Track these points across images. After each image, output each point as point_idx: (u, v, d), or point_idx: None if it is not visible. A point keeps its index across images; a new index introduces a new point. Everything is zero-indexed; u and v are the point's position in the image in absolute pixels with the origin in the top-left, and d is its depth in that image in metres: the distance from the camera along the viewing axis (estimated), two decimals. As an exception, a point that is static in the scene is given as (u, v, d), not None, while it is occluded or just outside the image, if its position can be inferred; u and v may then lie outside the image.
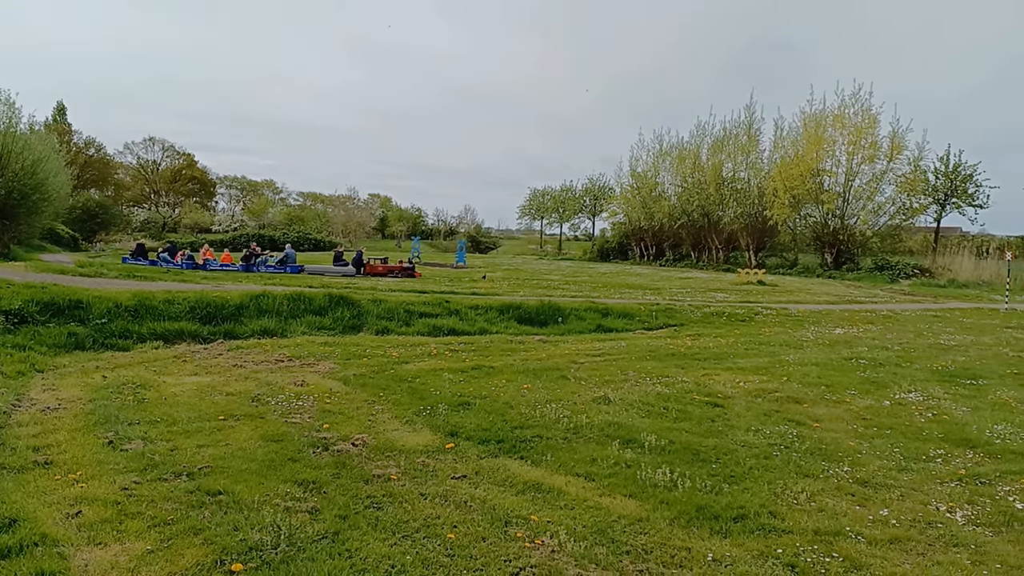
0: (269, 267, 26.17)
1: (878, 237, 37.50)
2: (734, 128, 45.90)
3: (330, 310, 13.16)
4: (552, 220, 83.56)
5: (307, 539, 4.00)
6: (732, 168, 45.78)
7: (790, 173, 37.48)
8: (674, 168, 51.12)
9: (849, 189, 36.83)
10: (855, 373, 9.47)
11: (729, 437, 6.36)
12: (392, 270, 26.90)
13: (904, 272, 32.39)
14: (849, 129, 36.31)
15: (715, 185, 45.20)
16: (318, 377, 8.54)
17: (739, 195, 43.96)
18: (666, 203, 50.22)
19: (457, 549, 3.96)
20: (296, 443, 5.79)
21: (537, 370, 9.21)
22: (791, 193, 37.42)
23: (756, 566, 3.86)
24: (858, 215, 36.91)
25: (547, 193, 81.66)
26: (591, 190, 75.50)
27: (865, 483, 5.24)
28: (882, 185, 36.33)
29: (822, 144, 37.21)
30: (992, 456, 5.93)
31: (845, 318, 16.15)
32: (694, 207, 46.73)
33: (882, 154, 35.74)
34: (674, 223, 49.31)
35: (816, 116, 38.19)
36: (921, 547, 4.15)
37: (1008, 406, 7.72)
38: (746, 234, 43.76)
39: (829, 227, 37.90)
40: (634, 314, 15.27)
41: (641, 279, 29.35)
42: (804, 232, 41.40)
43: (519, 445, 5.93)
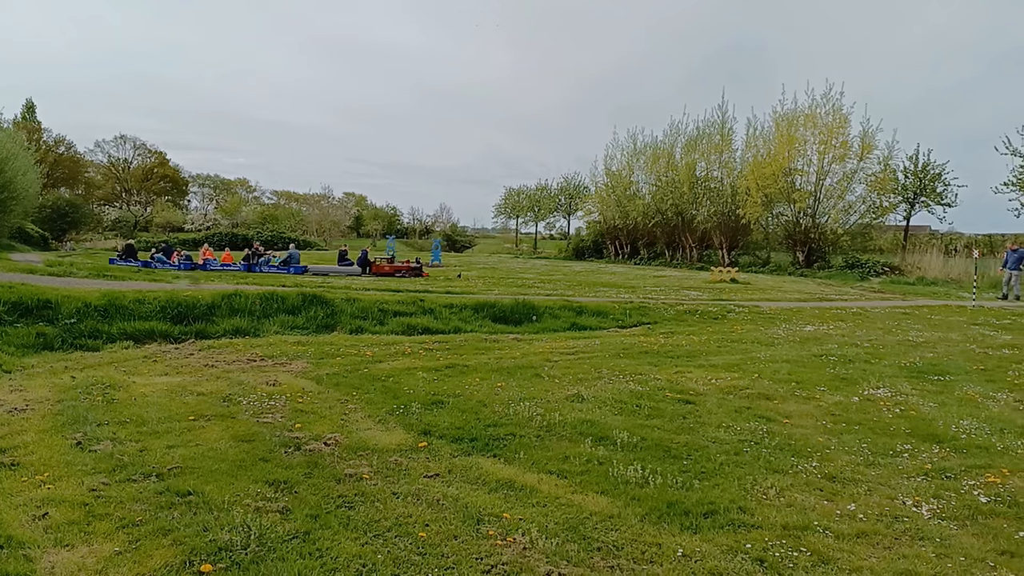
0: (272, 267, 25.73)
1: (849, 236, 37.90)
2: (707, 128, 46.14)
3: (303, 309, 13.07)
4: (527, 219, 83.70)
5: (278, 539, 3.99)
6: (705, 167, 46.02)
7: (762, 172, 37.76)
8: (648, 167, 51.29)
9: (820, 188, 37.17)
10: (825, 370, 9.58)
11: (700, 434, 6.41)
12: (399, 269, 26.48)
13: (874, 270, 32.78)
14: (820, 129, 36.62)
15: (689, 184, 45.43)
16: (291, 376, 8.49)
17: (712, 194, 44.23)
18: (640, 202, 50.40)
19: (429, 548, 3.96)
20: (267, 443, 5.76)
21: (511, 368, 9.23)
22: (763, 192, 37.72)
23: (725, 561, 3.90)
24: (829, 214, 37.25)
25: (522, 192, 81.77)
26: (566, 189, 75.72)
27: (833, 478, 5.31)
28: (852, 184, 36.69)
29: (794, 143, 37.51)
30: (958, 451, 6.03)
31: (816, 315, 16.31)
32: (668, 206, 46.94)
33: (852, 153, 36.10)
34: (648, 222, 49.50)
35: (788, 116, 38.49)
36: (888, 541, 4.21)
37: (974, 402, 7.85)
38: (719, 233, 44.03)
39: (801, 226, 38.24)
40: (608, 312, 15.33)
41: (615, 278, 29.45)
42: (776, 231, 41.74)
43: (492, 443, 5.94)
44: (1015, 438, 6.39)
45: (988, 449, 6.07)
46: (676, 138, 48.74)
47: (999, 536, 4.26)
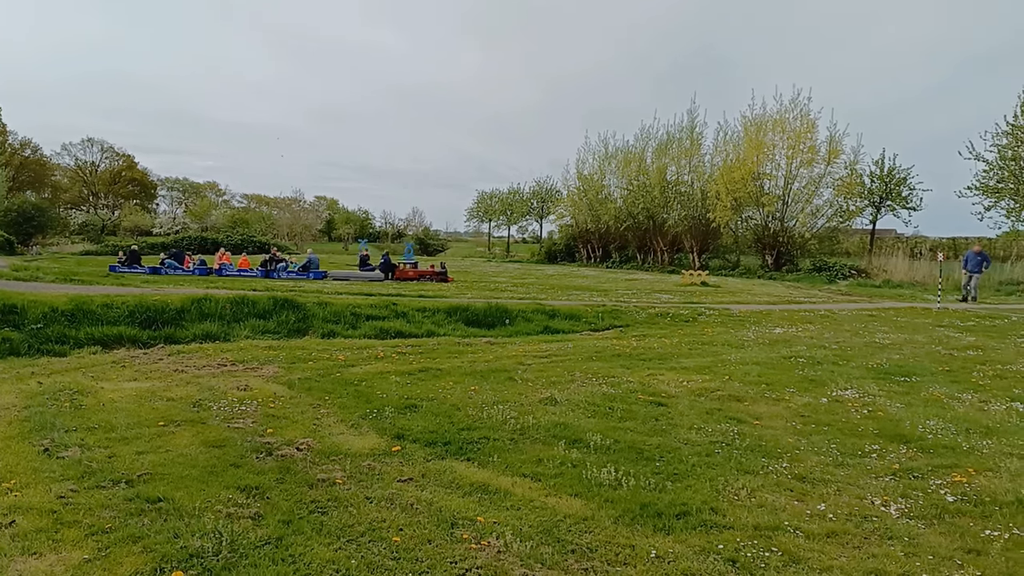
0: (290, 273, 25.31)
1: (816, 239, 38.43)
2: (677, 132, 46.52)
3: (275, 313, 12.97)
4: (500, 222, 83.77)
5: (250, 545, 3.95)
6: (676, 171, 46.38)
7: (732, 176, 38.15)
8: (620, 171, 51.59)
9: (788, 192, 37.64)
10: (794, 371, 9.69)
11: (673, 435, 6.46)
12: (424, 274, 26.16)
13: (841, 273, 33.23)
14: (788, 134, 37.11)
15: (660, 188, 45.74)
16: (262, 381, 8.43)
17: (683, 198, 44.58)
18: (612, 205, 50.67)
19: (403, 552, 3.95)
20: (239, 448, 5.71)
21: (484, 372, 9.23)
22: (733, 196, 38.10)
23: (698, 562, 3.93)
24: (797, 217, 37.74)
25: (495, 195, 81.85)
26: (538, 192, 75.89)
27: (803, 478, 5.37)
28: (820, 188, 37.23)
29: (762, 148, 37.95)
30: (924, 451, 6.13)
31: (785, 318, 16.49)
32: (639, 209, 47.22)
33: (820, 158, 36.63)
34: (620, 225, 49.76)
35: (757, 121, 38.96)
36: (857, 540, 4.27)
37: (940, 402, 7.99)
38: (690, 236, 44.38)
39: (769, 229, 38.68)
40: (580, 315, 15.39)
41: (588, 281, 29.59)
42: (745, 234, 42.21)
43: (466, 447, 5.94)
44: (980, 438, 6.51)
45: (954, 449, 6.17)
46: (647, 142, 49.14)
47: (966, 535, 4.34)
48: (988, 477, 5.43)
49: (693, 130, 45.10)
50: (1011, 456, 5.96)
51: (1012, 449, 6.17)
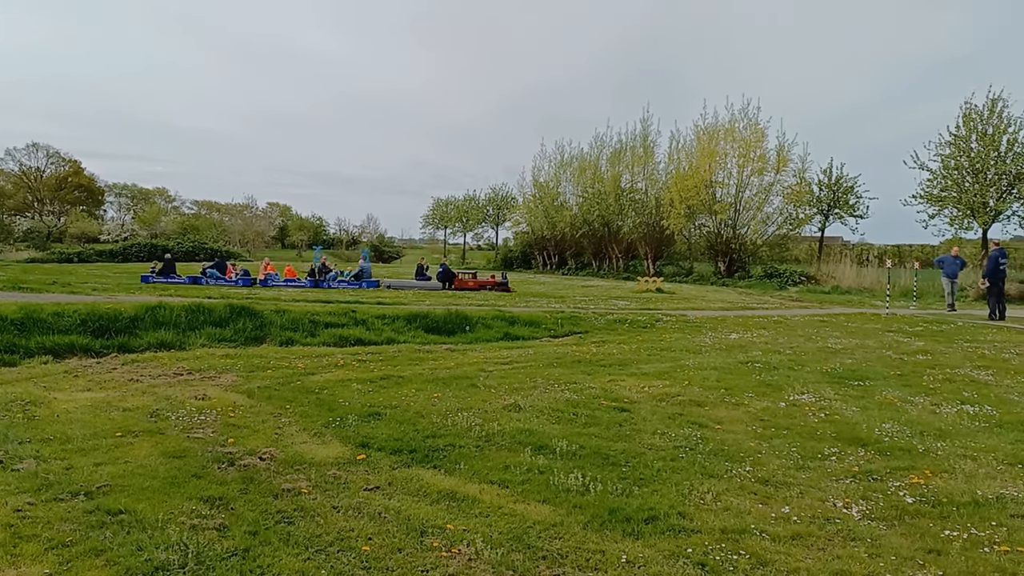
0: (342, 282, 24.57)
1: (767, 246, 39.16)
2: (631, 140, 47.15)
3: (231, 321, 12.75)
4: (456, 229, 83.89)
5: (216, 557, 3.88)
6: (630, 179, 46.92)
7: (685, 184, 38.71)
8: (575, 178, 52.04)
9: (740, 200, 38.31)
10: (751, 376, 9.84)
11: (637, 441, 6.51)
12: (484, 284, 25.59)
13: (792, 279, 33.85)
14: (739, 142, 37.82)
15: (614, 195, 46.21)
16: (220, 390, 8.28)
17: (637, 205, 45.06)
18: (568, 213, 51.05)
19: (372, 561, 3.91)
20: (200, 459, 5.60)
21: (447, 379, 9.20)
22: (686, 204, 38.64)
23: (668, 566, 3.96)
24: (749, 225, 38.41)
25: (450, 203, 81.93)
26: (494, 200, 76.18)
27: (766, 482, 5.46)
28: (770, 196, 38.02)
29: (714, 157, 38.59)
30: (882, 453, 6.27)
31: (740, 323, 16.75)
32: (595, 217, 47.61)
33: (770, 166, 37.40)
34: (576, 232, 50.14)
35: (708, 129, 39.63)
36: (821, 542, 4.34)
37: (893, 405, 8.18)
38: (644, 243, 44.84)
39: (722, 236, 39.29)
40: (540, 322, 15.43)
41: (545, 287, 29.70)
42: (699, 241, 42.82)
43: (432, 454, 5.91)
44: (934, 440, 6.68)
45: (910, 451, 6.33)
46: (601, 150, 49.72)
47: (926, 535, 4.44)
48: (944, 478, 5.57)
49: (646, 138, 45.75)
50: (965, 458, 6.13)
51: (965, 451, 6.34)
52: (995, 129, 28.78)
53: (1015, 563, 4.03)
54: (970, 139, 29.53)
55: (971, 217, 29.69)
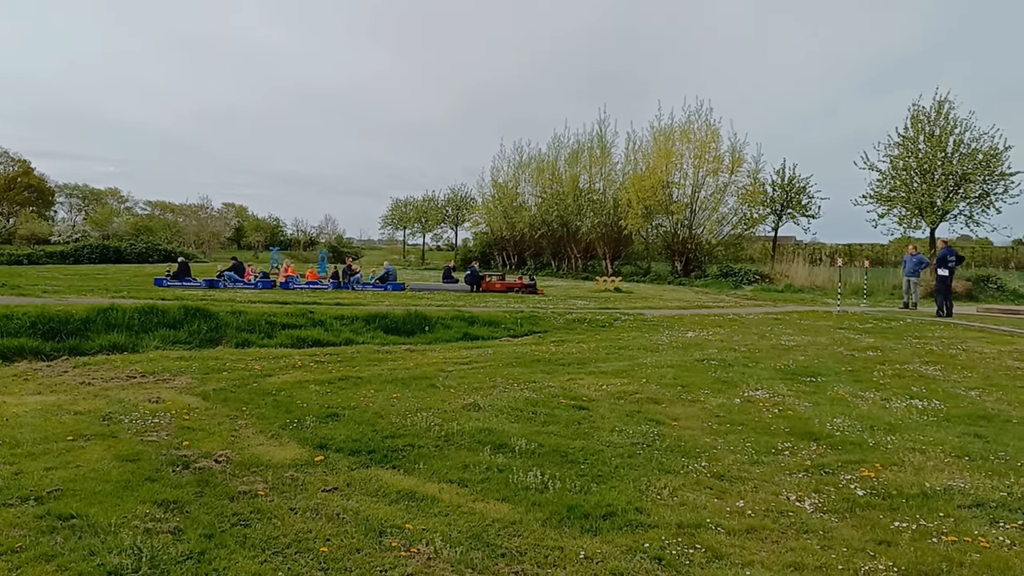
0: (366, 285, 24.22)
1: (722, 246, 39.71)
2: (588, 141, 47.42)
3: (186, 323, 12.55)
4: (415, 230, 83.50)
5: (171, 560, 3.83)
6: (588, 179, 47.20)
7: (642, 185, 39.03)
8: (534, 179, 52.20)
9: (696, 200, 38.77)
10: (707, 373, 9.97)
11: (595, 438, 6.56)
12: (512, 287, 25.32)
13: (747, 278, 34.32)
14: (695, 143, 38.26)
15: (573, 196, 46.44)
16: (175, 393, 8.15)
17: (595, 205, 45.35)
18: (527, 213, 51.18)
19: (331, 562, 3.90)
20: (154, 462, 5.51)
21: (406, 379, 9.17)
22: (643, 204, 38.97)
23: (626, 561, 4.01)
24: (704, 225, 38.93)
25: (409, 203, 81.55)
26: (453, 200, 76.00)
27: (722, 477, 5.55)
28: (725, 196, 38.59)
29: (671, 157, 38.98)
30: (833, 447, 6.41)
31: (696, 322, 16.95)
32: (553, 217, 47.80)
33: (724, 167, 37.92)
34: (535, 233, 50.29)
35: (665, 131, 40.05)
36: (775, 535, 4.43)
37: (844, 401, 8.36)
38: (603, 243, 45.14)
39: (678, 236, 39.71)
40: (500, 322, 15.46)
41: (504, 288, 29.73)
42: (656, 241, 43.22)
43: (391, 454, 5.89)
44: (884, 434, 6.85)
45: (860, 445, 6.48)
46: (559, 151, 49.88)
47: (876, 527, 4.56)
48: (894, 471, 5.72)
49: (603, 139, 46.11)
50: (914, 451, 6.29)
51: (914, 444, 6.51)
52: (942, 130, 29.52)
53: (962, 553, 4.15)
54: (918, 140, 30.25)
55: (919, 216, 30.41)
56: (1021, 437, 6.81)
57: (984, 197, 29.34)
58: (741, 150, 38.02)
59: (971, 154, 29.05)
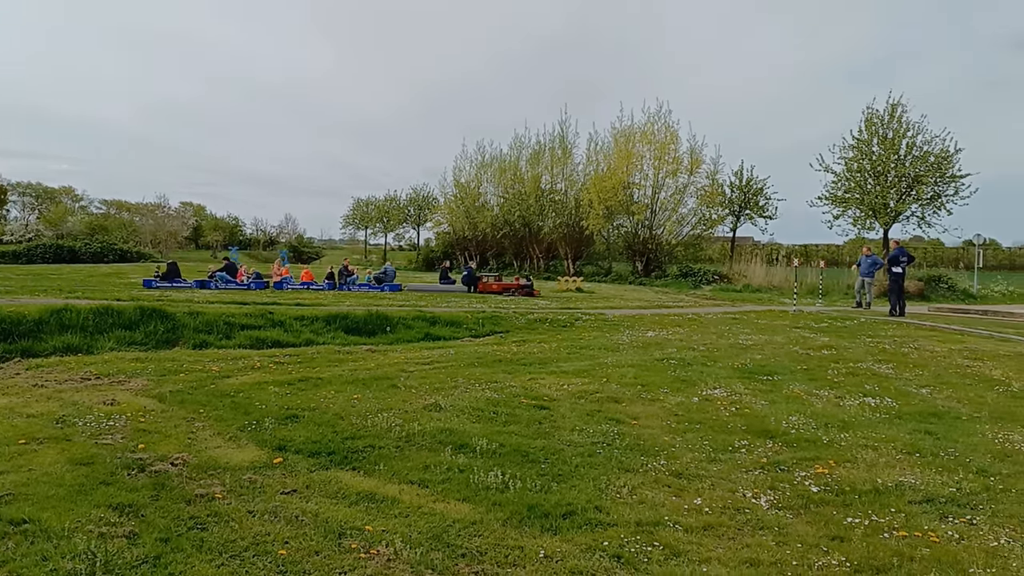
0: (362, 286, 23.84)
1: (682, 246, 40.10)
2: (550, 142, 47.53)
3: (142, 324, 12.34)
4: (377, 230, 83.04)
5: (126, 565, 3.78)
6: (550, 180, 47.29)
7: (603, 185, 39.23)
8: (496, 179, 52.10)
9: (656, 201, 39.08)
10: (667, 373, 10.08)
11: (556, 438, 6.61)
12: (509, 288, 24.96)
13: (706, 278, 34.68)
14: (655, 145, 38.55)
15: (535, 196, 46.49)
16: (130, 395, 8.02)
17: (557, 206, 45.45)
18: (489, 213, 51.10)
19: (289, 565, 3.88)
20: (109, 465, 5.43)
21: (367, 380, 9.13)
22: (605, 204, 39.17)
23: (585, 559, 4.05)
24: (664, 225, 39.26)
25: (371, 203, 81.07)
26: (415, 200, 75.70)
27: (680, 475, 5.62)
28: (685, 197, 38.96)
29: (631, 159, 39.24)
30: (789, 445, 6.53)
31: (656, 322, 17.10)
32: (516, 217, 47.80)
33: (683, 168, 38.28)
34: (497, 233, 50.23)
35: (625, 132, 40.27)
36: (732, 532, 4.51)
37: (800, 399, 8.52)
38: (564, 243, 45.28)
39: (639, 237, 39.99)
40: (461, 322, 15.45)
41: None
42: (617, 242, 43.47)
43: (351, 456, 5.87)
44: (838, 432, 7.00)
45: (815, 442, 6.61)
46: (521, 151, 49.88)
47: (830, 523, 4.66)
48: (847, 468, 5.85)
49: (565, 140, 46.20)
50: (866, 448, 6.44)
51: (867, 441, 6.66)
52: (895, 133, 30.12)
53: (912, 547, 4.26)
54: (872, 143, 30.83)
55: (873, 218, 30.99)
56: (970, 434, 7.00)
57: (936, 199, 30.00)
58: (700, 152, 38.50)
59: (923, 156, 29.69)
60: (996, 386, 9.38)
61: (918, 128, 29.90)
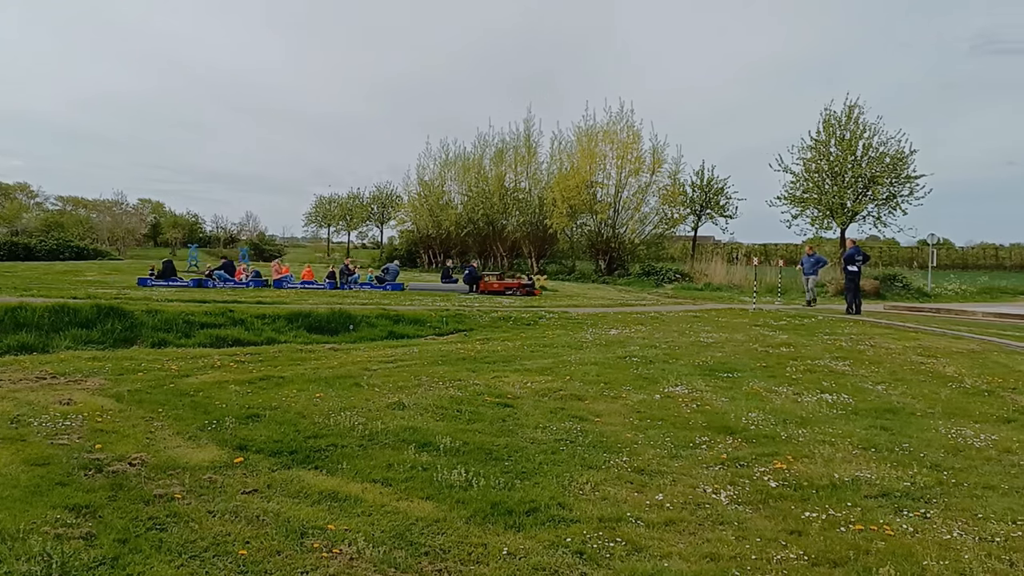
0: (364, 285, 23.65)
1: (644, 245, 40.47)
2: (514, 140, 47.64)
3: (99, 322, 12.14)
4: (339, 227, 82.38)
5: (83, 566, 3.72)
6: (514, 178, 47.38)
7: (567, 184, 39.42)
8: (460, 177, 52.09)
9: (619, 200, 39.38)
10: (629, 370, 10.16)
11: (519, 435, 6.63)
12: (510, 287, 24.72)
13: (668, 277, 35.02)
14: (617, 144, 38.85)
15: (499, 194, 46.53)
16: (87, 395, 7.87)
17: (521, 204, 45.58)
18: (453, 212, 51.06)
19: (250, 565, 3.84)
20: (65, 466, 5.32)
21: (329, 378, 9.07)
22: (568, 203, 39.35)
23: (548, 556, 4.07)
24: (627, 224, 39.58)
25: (334, 200, 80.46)
26: (379, 198, 75.24)
27: (642, 471, 5.68)
28: (647, 197, 39.35)
29: (594, 158, 39.50)
30: (748, 441, 6.63)
31: (619, 320, 17.22)
32: (479, 216, 47.80)
33: (646, 167, 38.66)
34: (461, 231, 50.19)
35: (588, 131, 40.52)
36: (692, 527, 4.56)
37: (759, 395, 8.65)
38: (528, 242, 45.43)
39: (602, 235, 40.26)
40: (425, 320, 15.42)
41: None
42: (580, 240, 43.71)
43: (313, 455, 5.83)
44: (796, 427, 7.12)
45: (774, 438, 6.72)
46: (484, 149, 49.92)
47: (788, 517, 4.74)
48: (805, 463, 5.95)
49: (529, 138, 46.31)
50: (823, 443, 6.56)
51: (824, 437, 6.79)
52: (852, 134, 30.71)
53: (868, 540, 4.35)
54: (829, 144, 31.39)
55: (830, 217, 31.57)
56: (924, 429, 7.17)
57: (891, 199, 30.64)
58: (662, 151, 38.95)
59: (879, 158, 30.30)
60: (949, 382, 9.60)
61: (874, 130, 30.55)
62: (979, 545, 4.32)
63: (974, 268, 63.49)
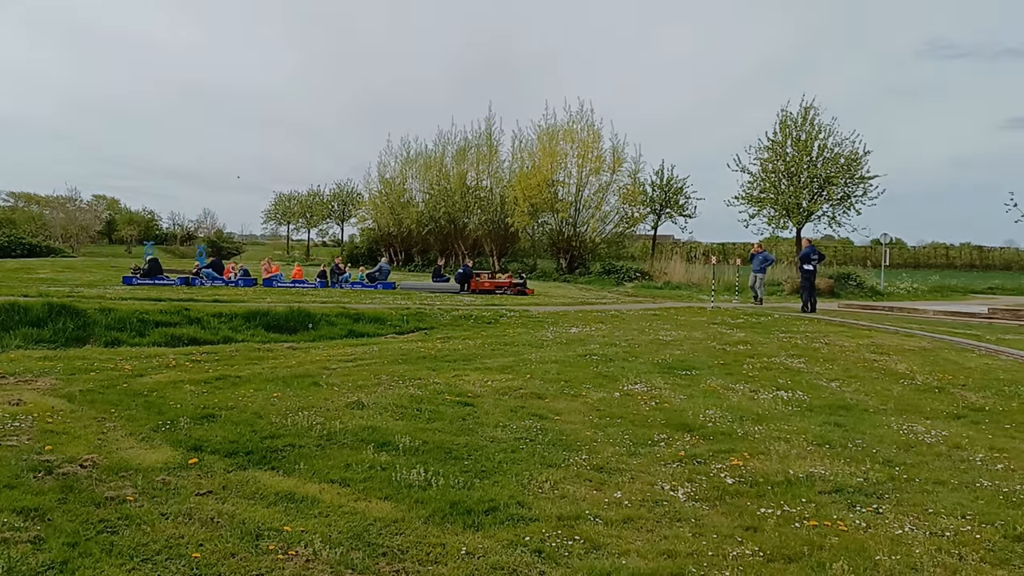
0: (355, 284, 23.32)
1: (605, 243, 40.78)
2: (475, 139, 47.62)
3: (50, 321, 11.86)
4: (299, 225, 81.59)
5: (30, 571, 3.62)
6: (476, 176, 47.36)
7: (528, 183, 39.52)
8: (421, 175, 51.94)
9: (580, 199, 39.65)
10: (589, 368, 10.21)
11: (479, 434, 6.62)
12: (501, 286, 24.48)
13: (628, 276, 35.29)
14: (578, 143, 39.11)
15: (460, 193, 46.46)
16: (37, 395, 7.69)
17: (483, 203, 45.56)
18: (414, 210, 50.88)
19: (204, 568, 3.78)
20: (13, 468, 5.19)
21: (287, 378, 8.97)
22: (530, 202, 39.46)
23: (507, 555, 4.07)
24: (588, 223, 39.83)
25: (293, 198, 79.63)
26: (339, 195, 74.66)
27: (601, 469, 5.71)
28: (607, 196, 39.73)
29: (555, 156, 39.69)
30: (706, 438, 6.70)
31: (579, 318, 17.30)
32: (441, 214, 47.68)
33: (606, 166, 39.00)
34: (422, 229, 50.04)
35: (549, 130, 40.71)
36: (650, 524, 4.59)
37: (717, 393, 8.74)
38: (490, 240, 45.43)
39: (564, 234, 40.46)
40: (386, 319, 15.33)
41: (390, 284, 29.47)
42: (542, 239, 43.89)
43: (270, 455, 5.76)
44: (752, 424, 7.21)
45: (731, 435, 6.80)
46: (446, 147, 49.84)
47: (744, 513, 4.79)
48: (761, 460, 6.03)
49: (490, 136, 46.35)
50: (779, 440, 6.65)
51: (780, 434, 6.89)
52: (808, 135, 31.21)
53: (822, 536, 4.42)
54: (786, 144, 31.87)
55: (787, 217, 32.04)
56: (877, 426, 7.31)
57: (845, 199, 31.19)
58: (622, 150, 39.36)
59: (834, 158, 30.85)
60: (901, 379, 9.82)
61: (829, 131, 31.10)
62: (929, 539, 4.41)
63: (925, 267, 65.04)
